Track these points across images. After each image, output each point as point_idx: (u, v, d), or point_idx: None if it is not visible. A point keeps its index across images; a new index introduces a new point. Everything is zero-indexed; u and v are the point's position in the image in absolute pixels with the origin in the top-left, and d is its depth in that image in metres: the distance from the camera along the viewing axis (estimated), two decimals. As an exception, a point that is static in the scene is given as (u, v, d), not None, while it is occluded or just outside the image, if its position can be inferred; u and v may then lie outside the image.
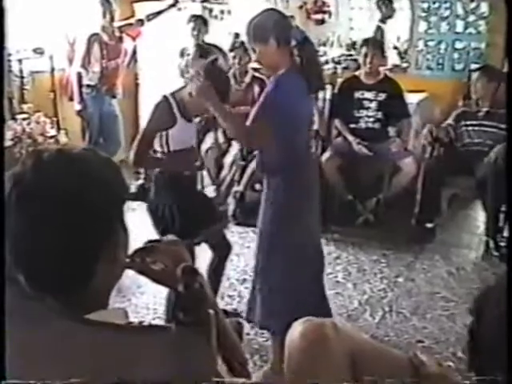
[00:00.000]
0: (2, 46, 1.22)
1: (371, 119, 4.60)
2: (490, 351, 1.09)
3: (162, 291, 2.73)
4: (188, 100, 2.72)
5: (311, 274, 2.78)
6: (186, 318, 0.99)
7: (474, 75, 4.51)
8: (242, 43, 4.69)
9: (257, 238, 2.76)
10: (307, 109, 2.62)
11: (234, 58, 4.74)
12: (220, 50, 5.24)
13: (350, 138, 4.58)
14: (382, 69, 4.74)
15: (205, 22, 5.23)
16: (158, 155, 2.82)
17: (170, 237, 1.32)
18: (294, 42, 2.49)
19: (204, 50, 5.09)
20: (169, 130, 2.74)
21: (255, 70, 4.61)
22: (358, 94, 4.61)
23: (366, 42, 4.69)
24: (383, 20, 6.68)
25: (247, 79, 4.72)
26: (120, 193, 1.03)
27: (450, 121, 4.50)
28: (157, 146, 2.80)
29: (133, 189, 4.96)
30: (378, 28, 6.62)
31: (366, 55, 4.55)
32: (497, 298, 1.09)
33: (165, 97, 2.75)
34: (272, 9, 2.93)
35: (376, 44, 4.66)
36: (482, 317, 1.14)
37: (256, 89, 4.65)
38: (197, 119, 2.91)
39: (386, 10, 6.56)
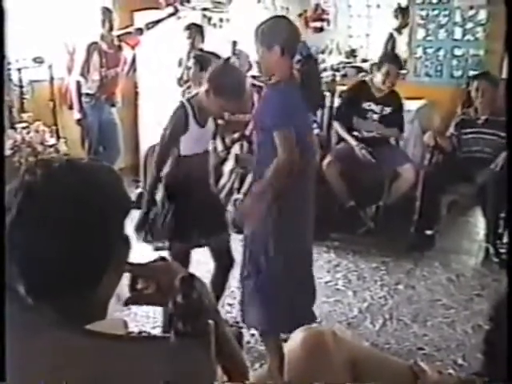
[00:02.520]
0: (2, 48, 1.21)
1: (372, 132, 4.60)
2: (508, 358, 1.09)
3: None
4: (202, 105, 2.73)
5: (300, 278, 2.81)
6: (185, 328, 0.98)
7: (477, 82, 4.45)
8: (241, 51, 4.71)
9: (248, 240, 2.76)
10: (304, 123, 2.62)
11: (233, 65, 4.75)
12: (219, 58, 5.24)
13: (353, 142, 4.57)
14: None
15: (201, 30, 5.23)
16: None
17: (156, 257, 1.30)
18: (297, 57, 2.50)
19: (203, 59, 5.09)
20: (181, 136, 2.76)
21: (254, 77, 4.62)
22: (365, 105, 4.59)
23: (388, 58, 4.66)
24: (399, 29, 6.70)
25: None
26: (125, 203, 1.03)
27: (451, 130, 4.50)
28: None
29: (132, 197, 4.96)
30: (391, 36, 6.63)
31: (388, 73, 4.46)
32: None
33: (181, 103, 2.77)
34: (285, 17, 2.94)
35: (399, 62, 4.63)
36: (501, 324, 1.13)
37: (255, 96, 4.65)
38: (211, 125, 2.89)
39: (402, 20, 6.59)
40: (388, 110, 4.58)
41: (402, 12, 6.57)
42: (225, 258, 3.03)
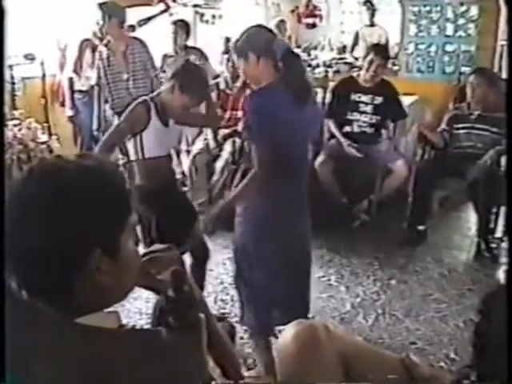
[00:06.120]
0: (2, 47, 1.22)
1: (365, 124, 4.61)
2: (498, 351, 1.10)
3: (156, 296, 2.73)
4: (166, 102, 2.78)
5: (295, 278, 2.69)
6: (176, 321, 0.99)
7: (470, 78, 4.44)
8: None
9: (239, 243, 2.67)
10: (298, 120, 2.57)
11: (228, 61, 4.75)
12: (202, 53, 5.26)
13: (342, 139, 4.61)
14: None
15: (186, 27, 5.20)
16: (133, 163, 2.86)
17: (159, 245, 1.31)
18: (278, 55, 2.49)
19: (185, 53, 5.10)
20: (143, 134, 2.76)
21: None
22: (354, 97, 4.62)
23: (373, 48, 4.65)
24: (372, 24, 6.79)
25: (239, 83, 4.72)
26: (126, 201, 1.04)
27: (443, 125, 4.51)
28: (131, 152, 2.84)
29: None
30: (356, 34, 6.80)
31: (371, 62, 4.49)
32: (506, 297, 1.10)
33: (143, 99, 2.81)
34: (255, 25, 2.90)
35: (384, 52, 4.63)
36: (491, 317, 1.14)
37: (248, 93, 4.65)
38: (176, 125, 2.91)
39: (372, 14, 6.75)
40: (380, 99, 4.58)
41: (369, 5, 6.72)
42: (200, 249, 3.03)
